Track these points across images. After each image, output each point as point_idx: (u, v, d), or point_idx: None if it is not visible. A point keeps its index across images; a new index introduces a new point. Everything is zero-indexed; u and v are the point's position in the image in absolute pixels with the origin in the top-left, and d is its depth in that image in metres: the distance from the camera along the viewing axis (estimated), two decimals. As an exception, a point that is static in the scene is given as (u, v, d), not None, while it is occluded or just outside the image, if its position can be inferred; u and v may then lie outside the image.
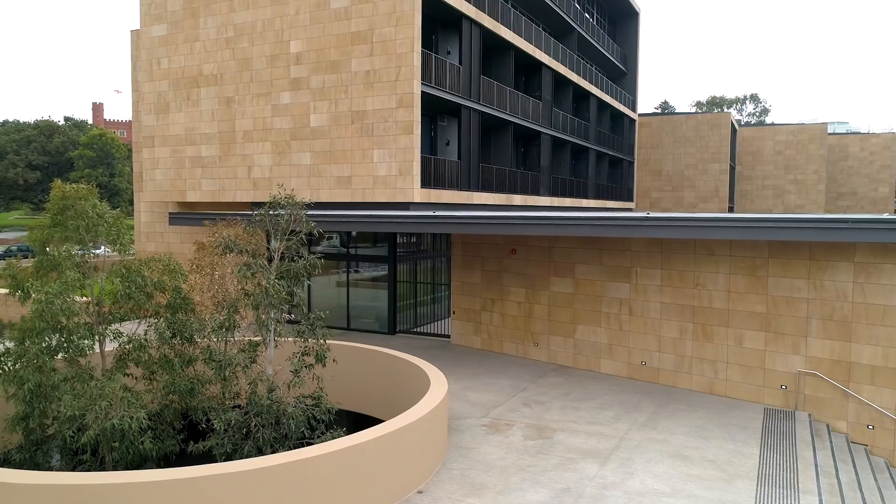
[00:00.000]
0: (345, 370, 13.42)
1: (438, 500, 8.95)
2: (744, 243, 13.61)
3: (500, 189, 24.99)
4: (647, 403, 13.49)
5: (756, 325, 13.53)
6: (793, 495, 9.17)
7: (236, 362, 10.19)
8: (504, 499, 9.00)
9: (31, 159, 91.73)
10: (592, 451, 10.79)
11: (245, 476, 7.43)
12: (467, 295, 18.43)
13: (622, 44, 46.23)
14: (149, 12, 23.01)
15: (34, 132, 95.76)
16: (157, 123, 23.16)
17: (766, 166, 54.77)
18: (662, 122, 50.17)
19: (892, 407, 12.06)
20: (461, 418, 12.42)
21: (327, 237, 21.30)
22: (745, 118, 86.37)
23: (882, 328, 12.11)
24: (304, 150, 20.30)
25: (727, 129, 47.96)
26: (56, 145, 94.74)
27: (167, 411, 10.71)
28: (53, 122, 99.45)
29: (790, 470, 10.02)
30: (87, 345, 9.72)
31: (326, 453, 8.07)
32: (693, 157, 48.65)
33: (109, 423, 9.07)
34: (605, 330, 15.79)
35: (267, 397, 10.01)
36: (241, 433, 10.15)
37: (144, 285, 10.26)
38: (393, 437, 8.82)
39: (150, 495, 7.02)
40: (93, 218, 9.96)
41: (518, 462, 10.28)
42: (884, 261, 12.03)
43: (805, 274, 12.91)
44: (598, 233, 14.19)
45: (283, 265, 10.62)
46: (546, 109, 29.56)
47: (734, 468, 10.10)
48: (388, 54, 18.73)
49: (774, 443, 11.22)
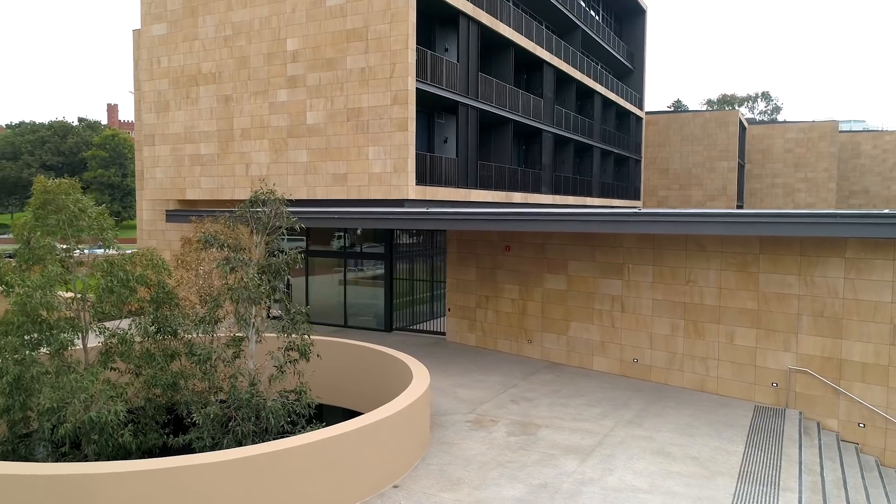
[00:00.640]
0: (331, 366, 13.45)
1: (413, 495, 8.92)
2: (735, 239, 13.46)
3: (499, 187, 24.91)
4: (637, 401, 13.38)
5: (747, 322, 13.38)
6: (773, 492, 9.05)
7: (216, 356, 10.22)
8: (479, 494, 8.95)
9: (46, 160, 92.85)
10: (575, 447, 10.71)
11: (210, 468, 7.44)
12: (462, 292, 18.40)
13: (629, 41, 45.95)
14: (149, 11, 23.18)
15: (48, 133, 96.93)
16: (157, 122, 23.32)
17: (776, 164, 54.21)
18: (670, 120, 49.82)
19: (882, 405, 11.87)
20: (447, 414, 12.38)
21: (336, 235, 21.36)
22: (757, 116, 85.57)
23: (873, 325, 11.92)
24: (301, 147, 20.36)
25: (735, 126, 47.53)
26: (70, 146, 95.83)
27: (149, 405, 10.78)
28: (67, 123, 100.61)
29: (773, 467, 9.89)
30: (65, 339, 9.77)
31: (297, 446, 8.07)
32: (701, 155, 48.25)
33: (87, 416, 9.14)
34: (597, 327, 15.69)
35: (247, 391, 10.04)
36: (222, 427, 10.19)
37: (127, 280, 10.32)
38: (366, 431, 8.80)
39: (109, 486, 7.05)
40: (74, 212, 10.03)
41: (498, 458, 10.23)
42: (874, 256, 11.85)
43: (796, 270, 12.74)
44: (587, 228, 14.10)
45: (264, 260, 10.64)
46: (548, 107, 29.44)
47: (716, 465, 9.99)
48: (382, 51, 18.73)
49: (760, 440, 11.09)
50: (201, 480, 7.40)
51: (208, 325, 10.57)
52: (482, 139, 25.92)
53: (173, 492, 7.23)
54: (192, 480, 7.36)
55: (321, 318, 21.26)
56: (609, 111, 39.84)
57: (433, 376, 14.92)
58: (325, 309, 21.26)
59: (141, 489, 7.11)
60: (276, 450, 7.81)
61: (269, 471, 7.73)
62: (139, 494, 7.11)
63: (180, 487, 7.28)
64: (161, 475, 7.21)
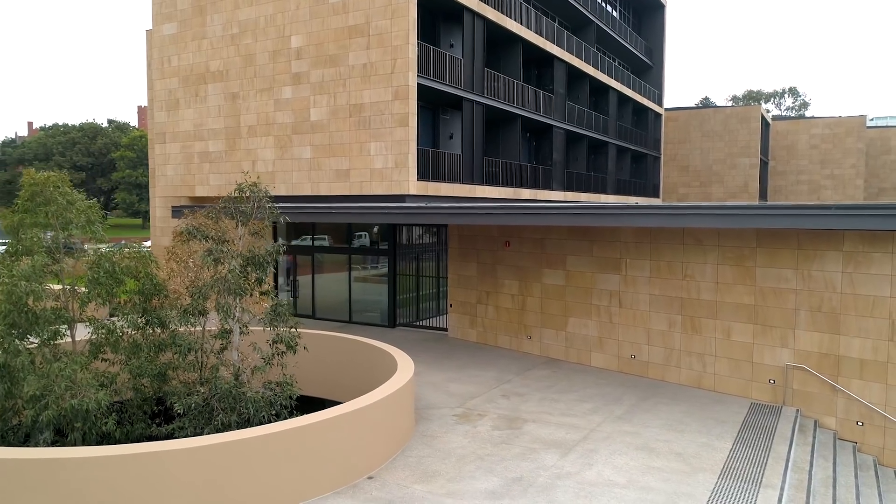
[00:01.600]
0: (321, 359, 13.51)
1: (386, 486, 8.90)
2: (732, 233, 13.18)
3: (507, 183, 24.77)
4: (630, 397, 13.18)
5: (744, 318, 13.09)
6: (752, 489, 8.83)
7: (198, 346, 10.32)
8: (452, 486, 8.89)
9: (76, 160, 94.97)
10: (558, 441, 10.59)
11: (169, 456, 7.50)
12: (463, 288, 18.33)
13: (648, 37, 45.37)
14: (160, 11, 23.54)
15: (79, 134, 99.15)
16: (167, 120, 23.67)
17: (801, 161, 53.05)
18: (690, 117, 49.07)
19: (881, 402, 11.51)
20: (435, 408, 12.34)
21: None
22: (784, 113, 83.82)
23: (871, 320, 11.57)
24: (305, 143, 20.48)
25: (757, 122, 46.63)
26: (99, 146, 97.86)
27: (137, 396, 10.92)
28: (97, 125, 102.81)
29: (758, 464, 9.65)
30: (50, 329, 9.94)
31: (267, 434, 8.10)
32: (722, 152, 47.44)
33: (70, 404, 9.30)
34: (595, 323, 15.50)
35: (227, 382, 10.12)
36: (206, 418, 10.29)
37: (113, 271, 10.47)
38: (339, 422, 8.81)
39: (66, 470, 7.16)
40: (62, 204, 10.20)
41: (479, 451, 10.15)
42: (872, 249, 11.50)
43: (793, 264, 12.43)
44: (579, 222, 13.93)
45: (248, 252, 10.72)
46: (559, 103, 29.20)
47: (700, 461, 9.78)
48: (384, 47, 18.75)
49: (750, 437, 10.83)
50: (159, 468, 7.43)
51: (192, 317, 10.68)
52: (490, 135, 25.82)
53: (130, 479, 7.30)
54: (150, 467, 7.40)
55: (327, 315, 21.42)
56: (625, 107, 39.37)
57: (429, 371, 14.93)
58: (331, 305, 21.40)
59: (99, 474, 7.20)
60: (237, 439, 7.84)
61: (229, 459, 7.76)
62: (96, 479, 7.19)
63: (138, 474, 7.33)
64: (118, 461, 7.27)
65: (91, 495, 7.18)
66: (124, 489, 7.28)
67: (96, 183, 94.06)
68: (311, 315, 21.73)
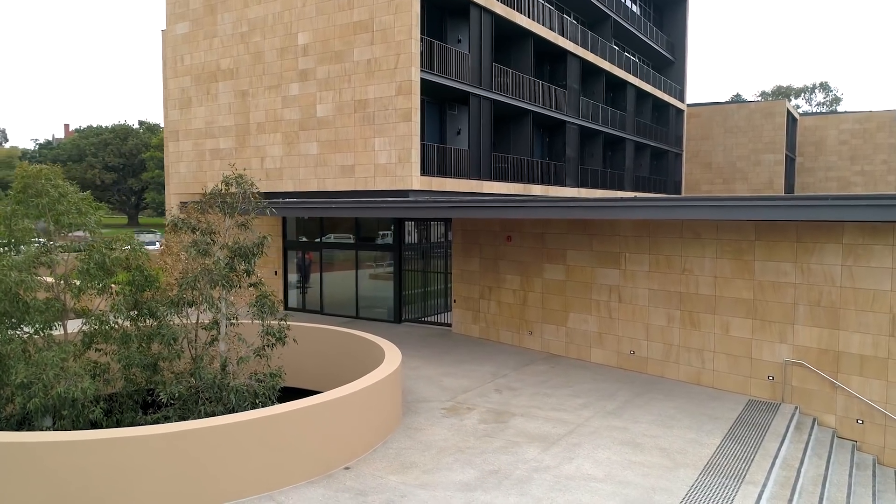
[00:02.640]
0: (311, 351, 13.58)
1: (361, 476, 8.88)
2: (730, 226, 12.89)
3: (517, 179, 24.61)
4: (624, 392, 12.98)
5: (742, 312, 12.79)
6: (734, 485, 8.60)
7: (182, 336, 10.44)
8: (426, 477, 8.84)
9: (108, 161, 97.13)
10: (543, 435, 10.46)
11: (147, 440, 7.59)
12: (466, 283, 18.26)
13: (669, 32, 44.70)
14: (173, 11, 23.91)
15: (110, 136, 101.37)
16: (180, 118, 24.04)
17: (830, 157, 51.72)
18: (713, 112, 48.20)
19: (882, 400, 11.14)
20: (425, 401, 12.30)
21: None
22: (815, 108, 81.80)
23: (871, 314, 11.20)
24: (312, 140, 20.61)
25: (782, 117, 45.59)
26: (130, 147, 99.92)
27: (128, 385, 11.07)
28: (128, 126, 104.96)
29: (745, 461, 9.41)
30: (39, 318, 10.14)
31: (237, 422, 8.14)
32: (745, 148, 46.49)
33: (56, 392, 9.48)
34: (595, 318, 15.29)
35: (210, 372, 10.22)
36: (190, 407, 10.40)
37: (103, 262, 10.64)
38: (313, 412, 8.82)
39: (42, 455, 7.28)
40: (53, 196, 10.40)
41: (460, 444, 10.08)
42: (873, 241, 11.13)
43: (792, 257, 12.10)
44: (572, 215, 13.72)
45: (234, 243, 10.80)
46: (572, 98, 28.91)
47: (684, 457, 9.57)
48: (387, 42, 18.77)
49: (741, 434, 10.57)
50: (128, 453, 7.50)
51: (179, 308, 10.80)
52: (500, 131, 25.68)
53: (101, 464, 7.40)
54: (119, 453, 7.47)
55: (335, 310, 21.54)
56: (645, 103, 38.84)
57: (426, 366, 14.90)
58: (339, 301, 21.52)
59: (70, 459, 7.31)
60: (208, 426, 7.89)
61: (197, 446, 7.81)
62: (68, 464, 7.31)
63: (108, 460, 7.43)
64: (87, 446, 7.36)
65: (61, 479, 7.29)
66: (95, 474, 7.38)
67: (127, 183, 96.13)
68: (320, 311, 21.89)
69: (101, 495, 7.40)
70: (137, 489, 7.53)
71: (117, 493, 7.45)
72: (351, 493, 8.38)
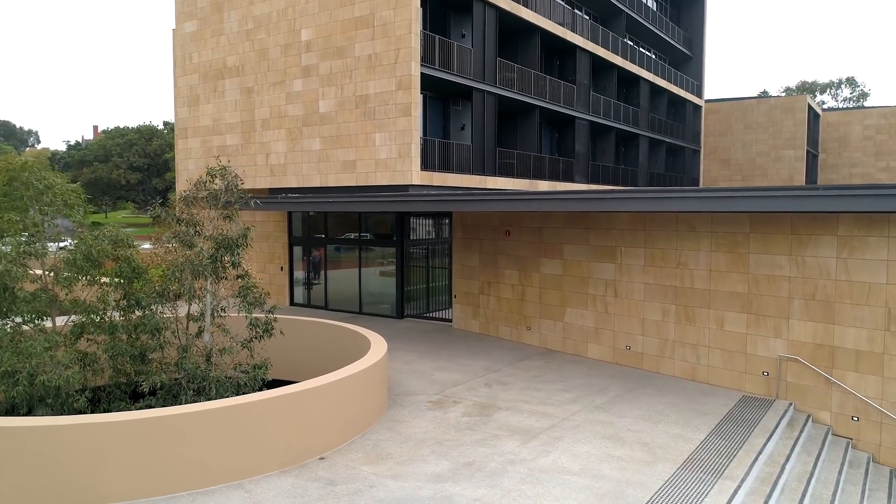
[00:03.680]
0: (301, 344, 13.60)
1: (334, 467, 8.86)
2: (725, 218, 12.62)
3: (523, 175, 24.42)
4: (616, 388, 12.78)
5: (737, 307, 12.51)
6: (711, 480, 8.40)
7: (164, 327, 10.52)
8: (399, 468, 8.78)
9: (133, 161, 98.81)
10: (524, 429, 10.34)
11: (114, 427, 7.64)
12: (467, 278, 18.16)
13: (687, 27, 44.04)
14: (182, 10, 24.17)
15: (136, 136, 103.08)
16: (189, 115, 24.30)
17: (854, 153, 50.51)
18: (732, 108, 47.37)
19: (877, 396, 10.81)
20: (412, 394, 12.24)
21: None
22: (841, 104, 79.90)
23: (867, 308, 10.87)
24: (314, 135, 20.68)
25: (803, 113, 44.63)
26: (154, 147, 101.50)
27: (115, 375, 11.19)
28: (153, 127, 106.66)
29: (726, 456, 9.18)
30: (26, 307, 10.29)
31: (205, 410, 8.17)
32: (765, 144, 45.60)
33: (39, 380, 9.61)
34: (591, 313, 15.10)
35: (190, 362, 10.27)
36: (174, 398, 10.48)
37: (89, 254, 10.75)
38: (285, 402, 8.81)
39: (8, 439, 7.37)
40: (38, 188, 10.54)
41: (440, 436, 10.01)
42: (868, 233, 10.80)
43: (787, 250, 11.80)
44: (564, 207, 13.57)
45: (218, 234, 10.86)
46: (582, 93, 28.61)
47: (664, 452, 9.38)
48: (387, 37, 18.75)
49: (728, 430, 10.33)
50: (95, 440, 7.56)
51: (164, 298, 10.89)
52: (507, 126, 25.52)
53: (67, 450, 7.46)
54: (86, 439, 7.54)
55: (340, 306, 21.60)
56: (659, 99, 38.29)
57: (420, 360, 14.85)
58: (344, 297, 21.59)
59: (35, 445, 7.39)
60: (171, 414, 7.93)
61: (165, 434, 7.84)
62: (33, 450, 7.39)
63: (74, 446, 7.49)
64: (52, 432, 7.44)
65: (28, 464, 7.38)
66: (61, 459, 7.45)
67: (152, 183, 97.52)
68: (324, 306, 21.96)
69: (68, 480, 7.46)
70: (104, 475, 7.59)
71: (85, 478, 7.51)
72: (321, 482, 8.36)
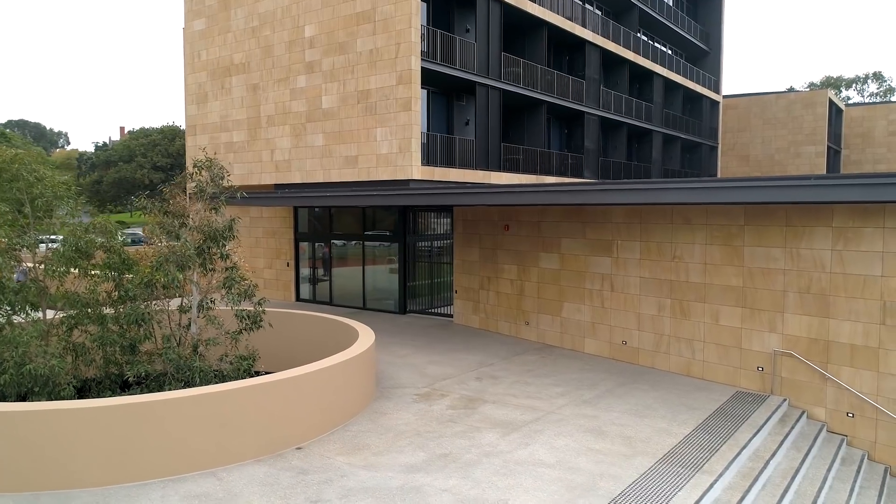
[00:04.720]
0: (291, 336, 13.63)
1: (309, 457, 8.85)
2: (720, 211, 12.37)
3: (530, 170, 24.26)
4: (607, 382, 12.60)
5: (732, 301, 12.26)
6: (688, 474, 8.22)
7: (149, 318, 10.61)
8: (375, 459, 8.75)
9: (156, 161, 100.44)
10: (506, 422, 10.23)
11: (84, 413, 7.71)
12: (467, 273, 18.08)
13: (704, 22, 43.40)
14: (191, 8, 24.43)
15: (159, 136, 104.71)
16: (198, 112, 24.55)
17: (879, 149, 49.36)
18: (750, 103, 46.59)
19: (872, 392, 10.50)
20: (401, 387, 12.20)
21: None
22: (868, 100, 78.14)
23: (862, 301, 10.57)
24: (318, 131, 20.75)
25: (824, 108, 43.73)
26: (177, 147, 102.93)
27: (105, 365, 11.32)
28: (175, 127, 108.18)
29: (708, 451, 8.99)
30: (14, 298, 10.45)
31: (179, 398, 8.21)
32: (785, 140, 44.77)
33: (25, 369, 9.75)
34: (588, 307, 14.92)
35: (174, 352, 10.35)
36: (160, 387, 10.57)
37: (77, 245, 10.89)
38: (260, 391, 8.82)
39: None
40: (29, 180, 10.70)
41: (420, 428, 9.95)
42: (863, 224, 10.50)
43: (781, 242, 11.52)
44: (556, 200, 13.38)
45: (203, 226, 10.93)
46: (592, 89, 28.34)
47: (645, 446, 9.21)
48: (388, 32, 18.74)
49: (715, 425, 10.11)
50: (67, 426, 7.64)
51: (151, 289, 10.98)
52: (514, 121, 25.37)
53: (40, 436, 7.55)
54: (58, 426, 7.62)
55: (344, 302, 21.67)
56: (674, 94, 37.79)
57: (415, 354, 14.81)
58: (348, 293, 21.66)
59: (7, 430, 7.49)
60: (143, 401, 7.97)
61: (137, 422, 7.88)
62: (4, 434, 7.49)
63: (47, 432, 7.58)
64: (23, 417, 7.53)
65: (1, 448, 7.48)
66: (32, 443, 7.53)
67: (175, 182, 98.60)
68: (329, 302, 22.04)
69: (40, 464, 7.55)
70: (77, 461, 7.66)
71: (58, 463, 7.59)
72: (293, 472, 8.35)
